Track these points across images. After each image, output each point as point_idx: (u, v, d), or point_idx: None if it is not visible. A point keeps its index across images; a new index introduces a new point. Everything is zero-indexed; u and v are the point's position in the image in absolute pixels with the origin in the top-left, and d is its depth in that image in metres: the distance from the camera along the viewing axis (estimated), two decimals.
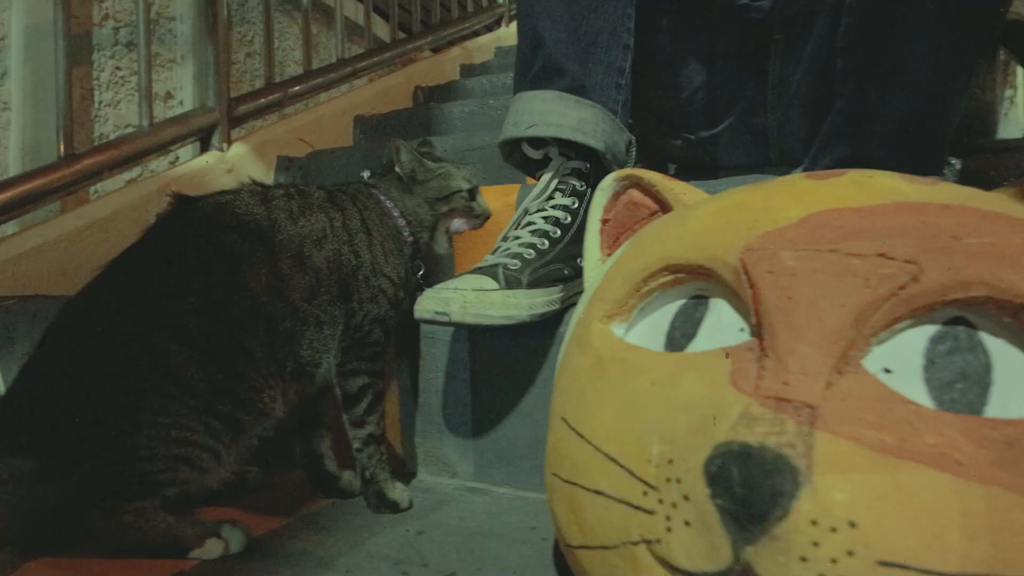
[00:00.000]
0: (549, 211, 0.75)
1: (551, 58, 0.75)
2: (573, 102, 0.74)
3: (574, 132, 0.73)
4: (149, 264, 0.64)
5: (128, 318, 0.60)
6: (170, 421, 0.59)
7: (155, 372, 0.59)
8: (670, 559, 0.34)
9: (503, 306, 0.65)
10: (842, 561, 0.29)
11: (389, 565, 0.56)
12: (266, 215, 0.69)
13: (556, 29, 0.75)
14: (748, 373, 0.35)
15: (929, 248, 0.35)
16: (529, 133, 0.75)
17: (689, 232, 0.43)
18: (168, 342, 0.60)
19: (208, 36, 1.66)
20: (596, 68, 0.76)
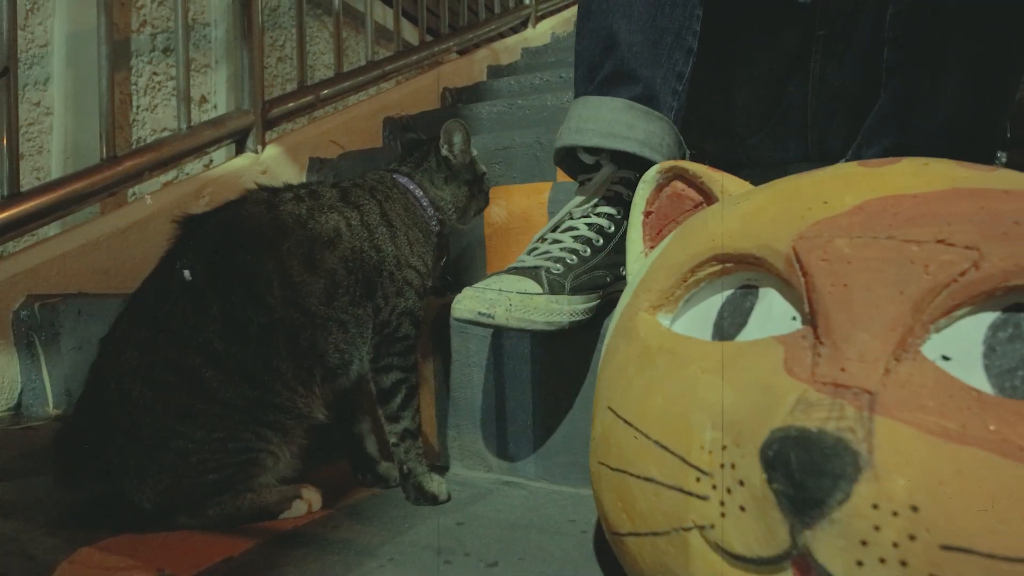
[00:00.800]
0: (593, 219, 0.74)
1: (625, 62, 0.72)
2: (643, 113, 0.72)
3: (642, 147, 0.71)
4: (169, 294, 0.65)
5: (162, 350, 0.62)
6: (224, 435, 0.61)
7: (198, 397, 0.61)
8: (724, 544, 0.34)
9: (547, 311, 0.65)
10: (903, 545, 0.29)
11: (431, 554, 0.56)
12: (272, 223, 0.68)
13: (634, 31, 0.71)
14: (803, 360, 0.35)
15: (990, 234, 0.34)
16: (595, 143, 0.72)
17: (739, 221, 0.43)
18: (202, 368, 0.61)
19: (243, 41, 1.69)
20: (657, 72, 0.73)
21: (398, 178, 0.82)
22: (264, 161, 1.70)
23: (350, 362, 0.71)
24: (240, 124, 1.66)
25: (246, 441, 0.62)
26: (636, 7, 0.72)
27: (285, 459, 0.65)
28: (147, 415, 0.60)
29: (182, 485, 0.61)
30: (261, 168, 1.69)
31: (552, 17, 3.22)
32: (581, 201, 0.76)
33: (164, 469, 0.60)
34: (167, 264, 0.68)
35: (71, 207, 1.30)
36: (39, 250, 1.29)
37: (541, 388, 0.77)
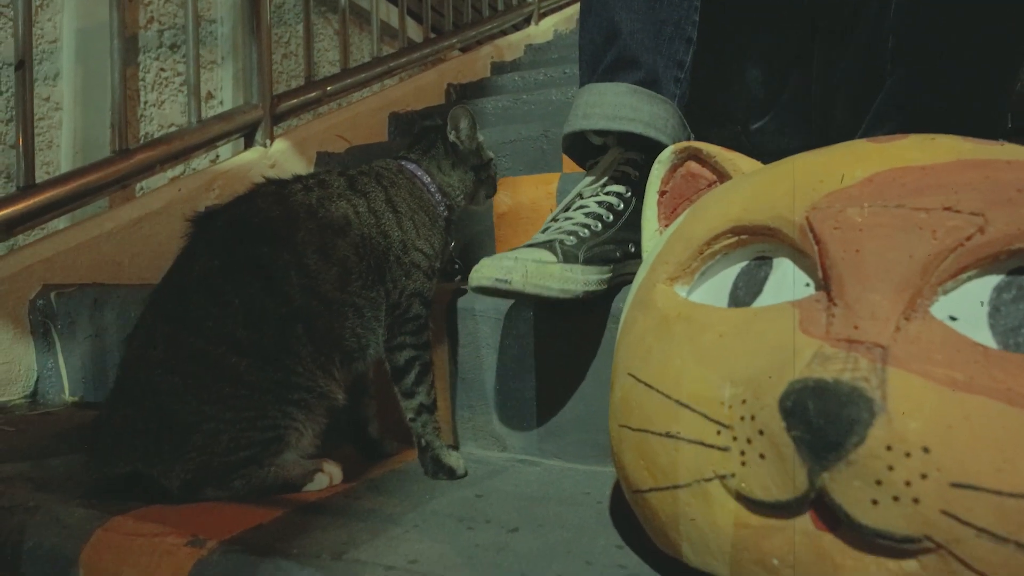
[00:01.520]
0: (603, 197, 0.76)
1: (627, 49, 0.75)
2: (646, 96, 0.75)
3: (647, 127, 0.74)
4: (189, 291, 0.67)
5: (187, 343, 0.64)
6: (253, 414, 0.64)
7: (226, 382, 0.63)
8: (744, 491, 0.36)
9: (561, 279, 0.67)
10: (916, 483, 0.31)
11: (454, 522, 0.58)
12: (283, 215, 0.70)
13: (633, 20, 0.75)
14: (817, 320, 0.37)
15: (994, 201, 0.36)
16: (602, 126, 0.75)
17: (753, 195, 0.45)
18: (227, 355, 0.64)
19: (252, 36, 1.71)
20: (659, 60, 0.76)
21: (406, 164, 0.83)
22: (272, 155, 1.72)
23: (367, 346, 0.73)
24: (249, 118, 1.68)
25: (274, 419, 0.64)
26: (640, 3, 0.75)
27: (308, 436, 0.67)
28: (178, 402, 0.63)
29: (212, 464, 0.63)
30: (270, 162, 1.71)
31: (555, 15, 3.24)
32: (590, 182, 0.79)
33: (195, 449, 0.62)
34: (184, 261, 0.69)
35: (84, 199, 1.32)
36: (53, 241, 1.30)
37: (553, 369, 0.79)
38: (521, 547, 0.53)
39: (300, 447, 0.66)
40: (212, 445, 0.62)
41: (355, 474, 0.72)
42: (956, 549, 0.30)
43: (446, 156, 0.85)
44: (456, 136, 0.85)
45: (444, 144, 0.86)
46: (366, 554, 0.51)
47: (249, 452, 0.63)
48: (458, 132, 0.85)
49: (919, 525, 0.31)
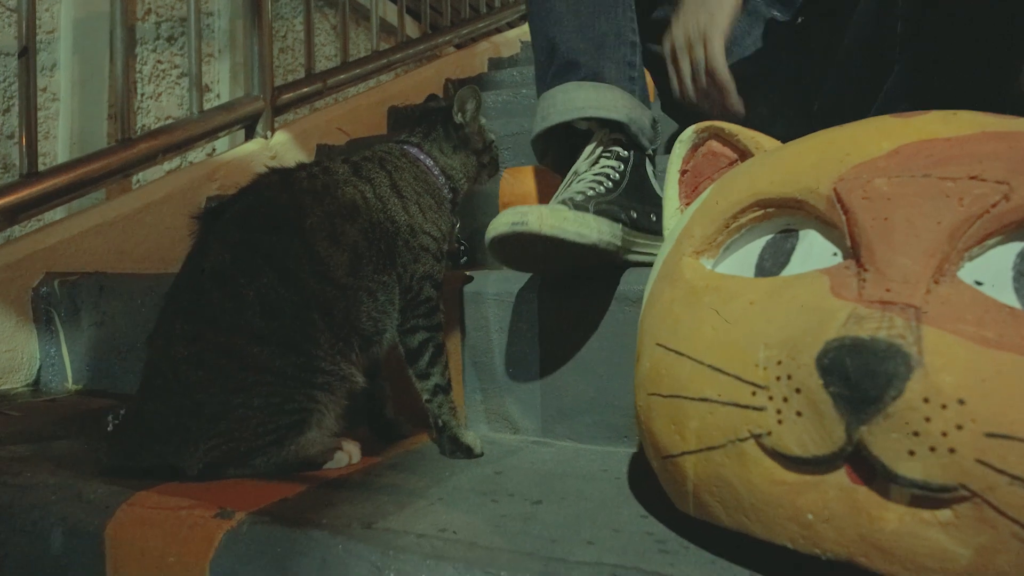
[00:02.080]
0: (599, 169, 0.80)
1: (565, 56, 0.83)
2: (591, 87, 0.81)
3: (596, 110, 0.80)
4: (204, 287, 0.67)
5: (208, 338, 0.65)
6: (280, 399, 0.64)
7: (250, 371, 0.64)
8: (780, 448, 0.37)
9: (576, 223, 0.68)
10: (952, 434, 0.32)
11: (477, 495, 0.59)
12: (291, 203, 0.70)
13: (566, 32, 0.83)
14: (849, 285, 0.39)
15: (1018, 170, 0.38)
16: (556, 120, 0.82)
17: (779, 169, 0.47)
18: (248, 345, 0.64)
19: (253, 28, 1.71)
20: (608, 64, 0.83)
21: (408, 148, 0.83)
22: (273, 147, 1.72)
23: (383, 330, 0.74)
24: (250, 110, 1.68)
25: (299, 402, 0.65)
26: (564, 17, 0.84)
27: (330, 417, 0.67)
28: (205, 395, 0.63)
29: (239, 450, 0.64)
30: (271, 153, 1.71)
31: None
32: (584, 160, 0.83)
33: (220, 435, 0.63)
34: (195, 258, 0.70)
35: (87, 187, 1.32)
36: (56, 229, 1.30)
37: (563, 351, 0.80)
38: (547, 517, 0.54)
39: (322, 427, 0.67)
40: (240, 431, 0.63)
41: (373, 454, 0.72)
42: (990, 496, 0.32)
43: (447, 139, 0.85)
44: (462, 117, 0.85)
45: (445, 127, 0.86)
46: (396, 523, 0.52)
47: (275, 436, 0.63)
48: (464, 113, 0.85)
49: (955, 474, 0.32)
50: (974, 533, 0.32)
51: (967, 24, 0.65)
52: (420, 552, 0.47)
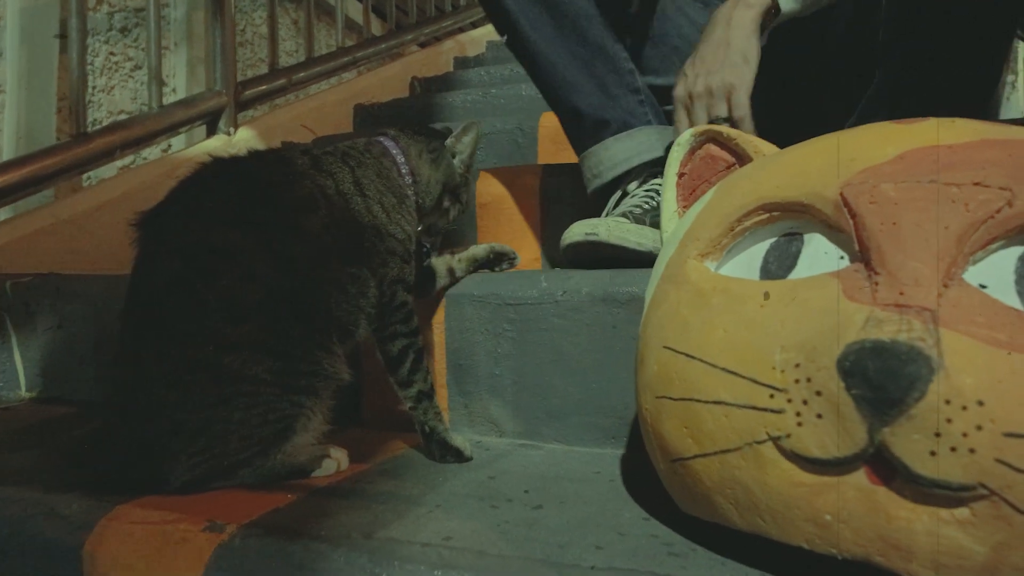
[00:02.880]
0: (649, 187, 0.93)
1: (592, 117, 0.96)
2: (626, 137, 0.96)
3: (640, 156, 0.95)
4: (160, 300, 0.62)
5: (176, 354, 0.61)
6: (263, 409, 0.61)
7: (226, 383, 0.61)
8: (800, 450, 0.38)
9: (637, 234, 0.82)
10: (972, 435, 0.33)
11: (475, 501, 0.58)
12: (242, 196, 0.66)
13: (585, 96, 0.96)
14: (862, 288, 0.39)
15: (1019, 176, 0.39)
16: (610, 176, 0.98)
17: (784, 173, 0.47)
18: (220, 355, 0.61)
19: (215, 20, 1.66)
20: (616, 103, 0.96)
21: (380, 139, 0.80)
22: (237, 143, 1.67)
23: (357, 321, 0.70)
24: (212, 105, 1.63)
25: (282, 409, 0.62)
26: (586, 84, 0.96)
27: (317, 420, 0.65)
28: (183, 413, 0.60)
29: (222, 464, 0.61)
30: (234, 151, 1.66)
31: None
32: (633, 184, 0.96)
33: (202, 452, 0.60)
34: (144, 270, 0.65)
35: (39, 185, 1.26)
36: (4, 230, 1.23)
37: (549, 353, 0.80)
38: (550, 522, 0.53)
39: (309, 431, 0.65)
40: (223, 445, 0.60)
41: (360, 460, 0.71)
42: (1008, 494, 0.33)
43: (429, 150, 0.83)
44: (455, 143, 0.83)
45: (434, 141, 0.84)
46: (397, 533, 0.51)
47: (260, 447, 0.61)
48: (458, 140, 0.83)
49: (975, 473, 0.33)
50: (991, 530, 0.33)
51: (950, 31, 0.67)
52: (427, 562, 0.46)
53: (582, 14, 0.96)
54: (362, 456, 0.72)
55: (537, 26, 0.96)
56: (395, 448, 0.77)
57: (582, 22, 0.96)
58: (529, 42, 0.97)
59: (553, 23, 0.95)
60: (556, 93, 0.99)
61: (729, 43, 0.79)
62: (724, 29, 0.79)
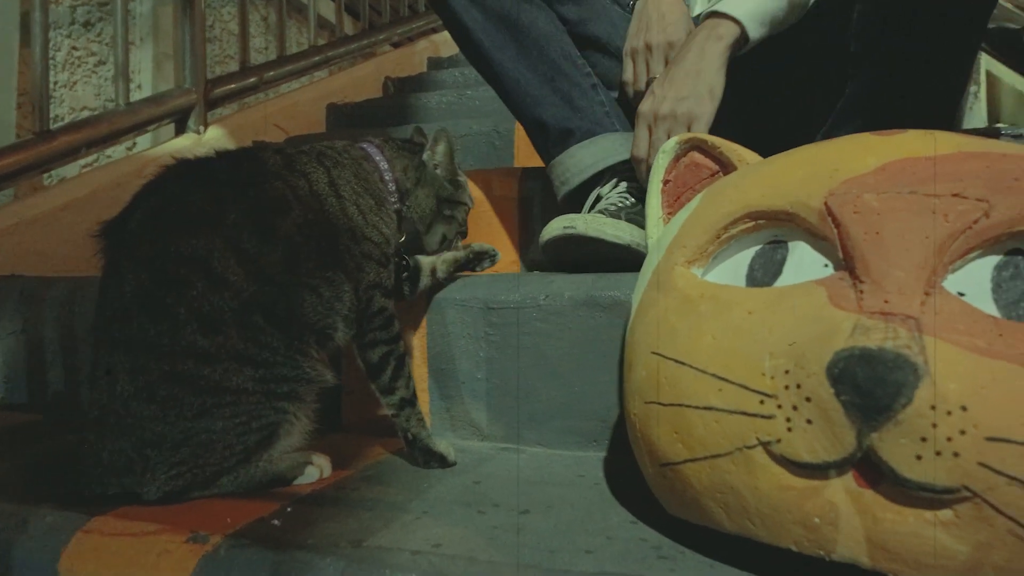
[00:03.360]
0: (621, 190, 0.94)
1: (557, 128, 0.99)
2: (589, 144, 0.98)
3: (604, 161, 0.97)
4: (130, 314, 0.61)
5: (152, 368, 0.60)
6: (245, 418, 0.60)
7: (206, 395, 0.60)
8: (790, 455, 0.38)
9: (614, 227, 0.85)
10: (956, 439, 0.34)
11: (462, 507, 0.58)
12: (208, 198, 0.64)
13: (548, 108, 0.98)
14: (847, 296, 0.40)
15: (996, 188, 0.41)
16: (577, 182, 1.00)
17: (769, 182, 0.48)
18: (198, 367, 0.60)
19: (184, 17, 1.62)
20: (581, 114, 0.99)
21: (363, 145, 0.79)
22: (207, 142, 1.64)
23: (333, 325, 0.69)
24: (182, 103, 1.59)
25: (266, 417, 0.61)
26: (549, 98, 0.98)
27: (301, 426, 0.64)
28: (163, 426, 0.59)
29: (204, 474, 0.60)
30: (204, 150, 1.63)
31: None
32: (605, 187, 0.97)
33: (183, 463, 0.59)
34: (111, 283, 0.63)
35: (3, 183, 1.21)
36: None
37: (530, 356, 0.80)
38: (538, 527, 0.53)
39: (293, 437, 0.64)
40: (205, 455, 0.59)
41: (343, 466, 0.70)
42: (989, 496, 0.34)
43: (415, 166, 0.82)
44: (431, 157, 0.83)
45: (417, 156, 0.83)
46: (386, 540, 0.50)
47: (243, 455, 0.60)
48: (433, 152, 0.83)
49: (958, 476, 0.34)
50: (973, 531, 0.35)
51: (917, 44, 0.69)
52: (418, 570, 0.46)
53: (543, 34, 0.99)
54: (344, 462, 0.71)
55: (499, 45, 0.98)
56: (377, 453, 0.76)
57: (543, 42, 0.98)
58: (493, 62, 0.99)
59: (515, 43, 0.98)
60: (521, 107, 1.01)
61: (699, 73, 0.83)
62: (697, 59, 0.84)
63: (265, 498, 0.60)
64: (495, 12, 0.98)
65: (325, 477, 0.67)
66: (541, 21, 0.99)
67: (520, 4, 0.98)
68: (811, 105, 0.85)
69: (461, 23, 0.99)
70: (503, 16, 0.98)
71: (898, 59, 0.71)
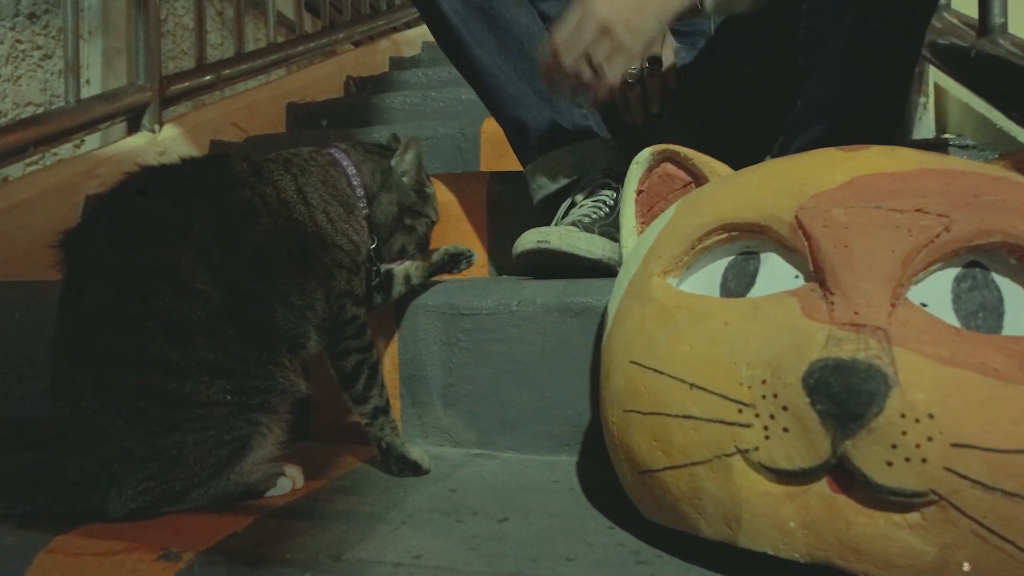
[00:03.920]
0: (596, 198, 0.95)
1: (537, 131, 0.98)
2: (569, 150, 0.99)
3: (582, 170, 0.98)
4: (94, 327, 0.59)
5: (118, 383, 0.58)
6: (217, 431, 0.59)
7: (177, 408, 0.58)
8: (768, 462, 0.40)
9: (587, 242, 0.85)
10: (924, 445, 0.36)
11: (440, 516, 0.58)
12: (174, 207, 0.63)
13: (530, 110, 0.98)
14: (819, 307, 0.42)
15: (956, 204, 0.43)
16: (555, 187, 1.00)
17: (742, 195, 0.50)
18: (167, 381, 0.58)
19: (138, 11, 1.57)
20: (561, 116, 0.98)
21: (331, 150, 0.78)
22: (162, 141, 1.59)
23: (306, 334, 0.68)
24: (136, 100, 1.54)
25: (238, 430, 0.60)
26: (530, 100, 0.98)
27: (273, 437, 0.63)
28: (131, 441, 0.57)
29: (174, 489, 0.58)
30: (159, 149, 1.58)
31: None
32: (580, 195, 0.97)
33: (152, 478, 0.58)
34: (72, 296, 0.61)
35: None
36: None
37: (502, 361, 0.80)
38: (517, 535, 0.54)
39: (266, 447, 0.62)
40: (176, 470, 0.58)
41: (314, 476, 0.69)
42: (955, 499, 0.36)
43: (382, 171, 0.81)
44: (399, 164, 0.82)
45: (384, 161, 0.82)
46: (365, 553, 0.50)
47: (215, 468, 0.59)
48: (402, 159, 0.82)
49: (926, 481, 0.36)
50: (939, 532, 0.36)
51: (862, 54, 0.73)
52: None
53: (524, 31, 0.98)
54: (316, 472, 0.70)
55: (480, 41, 0.97)
56: (349, 462, 0.76)
57: (523, 38, 0.97)
58: (473, 58, 0.98)
59: (496, 39, 0.97)
60: (500, 107, 1.01)
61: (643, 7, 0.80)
62: None
63: (237, 511, 0.59)
64: (475, 4, 0.96)
65: (297, 488, 0.66)
66: (523, 17, 0.98)
67: None
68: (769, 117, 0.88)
69: (439, 10, 0.96)
70: (483, 8, 0.96)
71: (842, 71, 0.75)
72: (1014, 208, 0.42)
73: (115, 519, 0.56)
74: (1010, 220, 0.41)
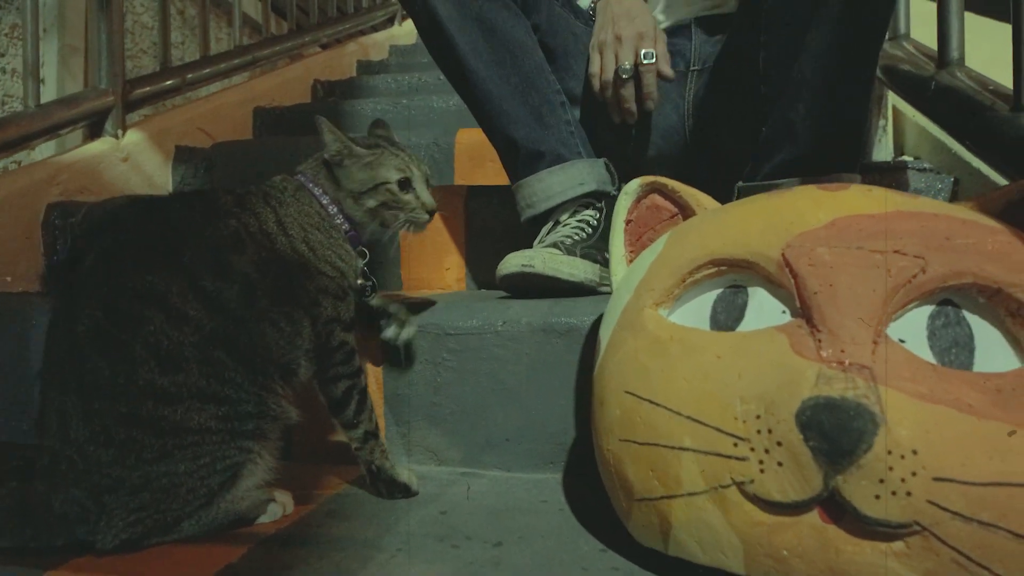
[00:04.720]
0: (580, 218, 0.97)
1: (528, 149, 0.99)
2: (559, 171, 0.99)
3: (574, 190, 0.98)
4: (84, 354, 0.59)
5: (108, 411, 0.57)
6: (209, 459, 0.59)
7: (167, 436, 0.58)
8: (763, 494, 0.42)
9: (569, 265, 0.88)
10: (908, 480, 0.38)
11: (434, 541, 0.59)
12: (165, 237, 0.64)
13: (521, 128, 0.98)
14: (807, 345, 0.44)
15: (930, 246, 0.46)
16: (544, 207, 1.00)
17: (730, 232, 0.52)
18: (158, 408, 0.58)
19: (101, 12, 1.52)
20: (550, 133, 0.99)
21: (299, 177, 0.76)
22: (125, 147, 1.54)
23: (296, 361, 0.69)
24: (98, 105, 1.49)
25: (230, 457, 0.60)
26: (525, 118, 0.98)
27: (265, 463, 0.63)
28: (121, 470, 0.57)
29: (165, 520, 0.58)
30: (122, 155, 1.53)
31: None
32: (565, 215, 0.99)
33: (144, 508, 0.57)
34: (63, 323, 0.61)
35: None
36: None
37: (488, 381, 0.81)
38: (514, 560, 0.55)
39: (257, 475, 0.62)
40: (167, 500, 0.57)
41: (303, 500, 0.69)
42: (936, 530, 0.38)
43: (329, 175, 0.76)
44: (326, 152, 0.75)
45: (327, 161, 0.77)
46: None
47: (207, 497, 0.58)
48: (326, 148, 0.75)
49: (911, 513, 0.38)
50: (921, 560, 0.39)
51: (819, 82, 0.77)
52: None
53: (518, 44, 0.98)
54: (304, 496, 0.70)
55: (474, 49, 0.96)
56: (335, 484, 0.76)
57: (518, 51, 0.98)
58: (467, 68, 0.97)
59: (490, 50, 0.96)
60: (492, 122, 1.00)
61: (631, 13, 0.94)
62: None
63: (229, 541, 0.59)
64: (472, 12, 0.95)
65: (288, 513, 0.66)
66: (519, 31, 0.98)
67: (499, 8, 0.97)
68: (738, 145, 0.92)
69: (434, 17, 0.94)
70: (480, 18, 0.96)
71: (802, 97, 0.79)
72: (983, 251, 0.45)
73: (105, 552, 0.56)
74: (979, 262, 0.44)
